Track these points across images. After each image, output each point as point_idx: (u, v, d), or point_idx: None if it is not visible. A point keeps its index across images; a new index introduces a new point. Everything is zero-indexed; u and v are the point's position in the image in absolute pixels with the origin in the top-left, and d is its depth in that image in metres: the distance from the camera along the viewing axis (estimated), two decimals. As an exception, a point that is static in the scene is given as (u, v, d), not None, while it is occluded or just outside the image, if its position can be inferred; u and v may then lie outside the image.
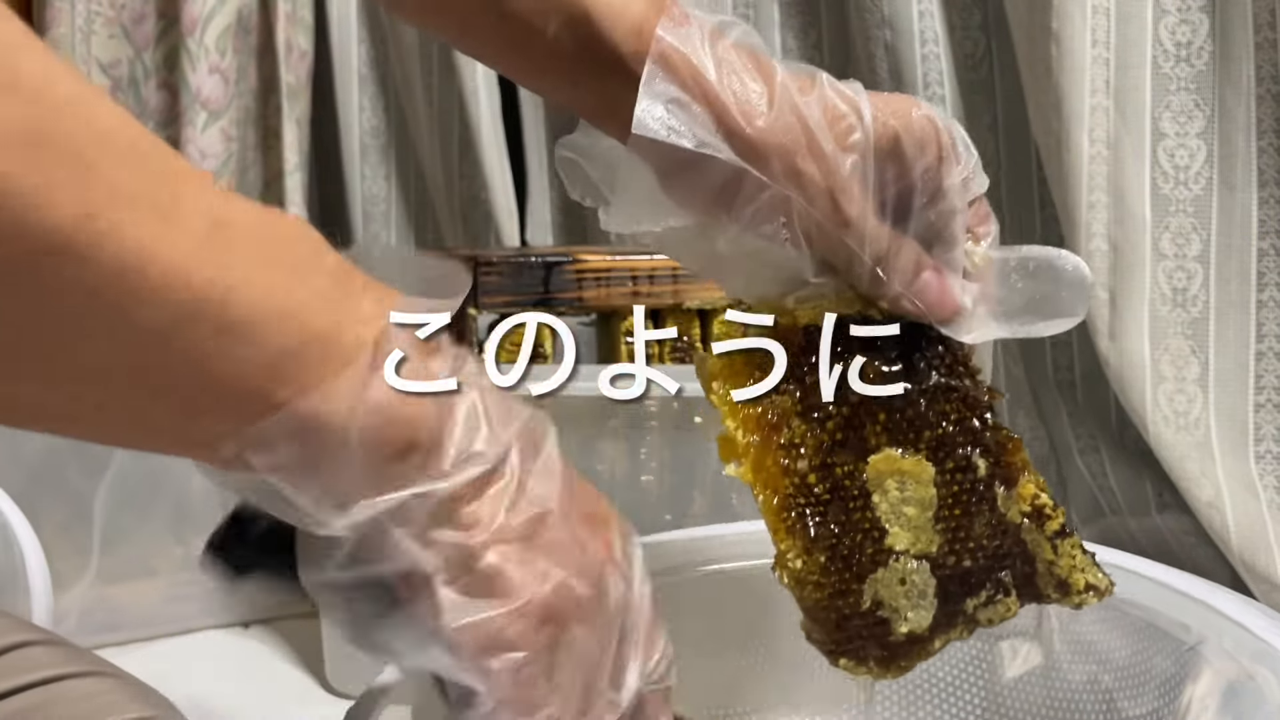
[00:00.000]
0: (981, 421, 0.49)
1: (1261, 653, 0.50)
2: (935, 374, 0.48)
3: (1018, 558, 0.48)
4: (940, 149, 0.48)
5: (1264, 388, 0.97)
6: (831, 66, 1.16)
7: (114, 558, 1.01)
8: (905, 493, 0.46)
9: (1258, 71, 0.93)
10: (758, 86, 0.45)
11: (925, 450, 0.47)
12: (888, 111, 0.48)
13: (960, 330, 0.49)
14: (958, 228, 0.49)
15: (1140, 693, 0.55)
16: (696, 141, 0.43)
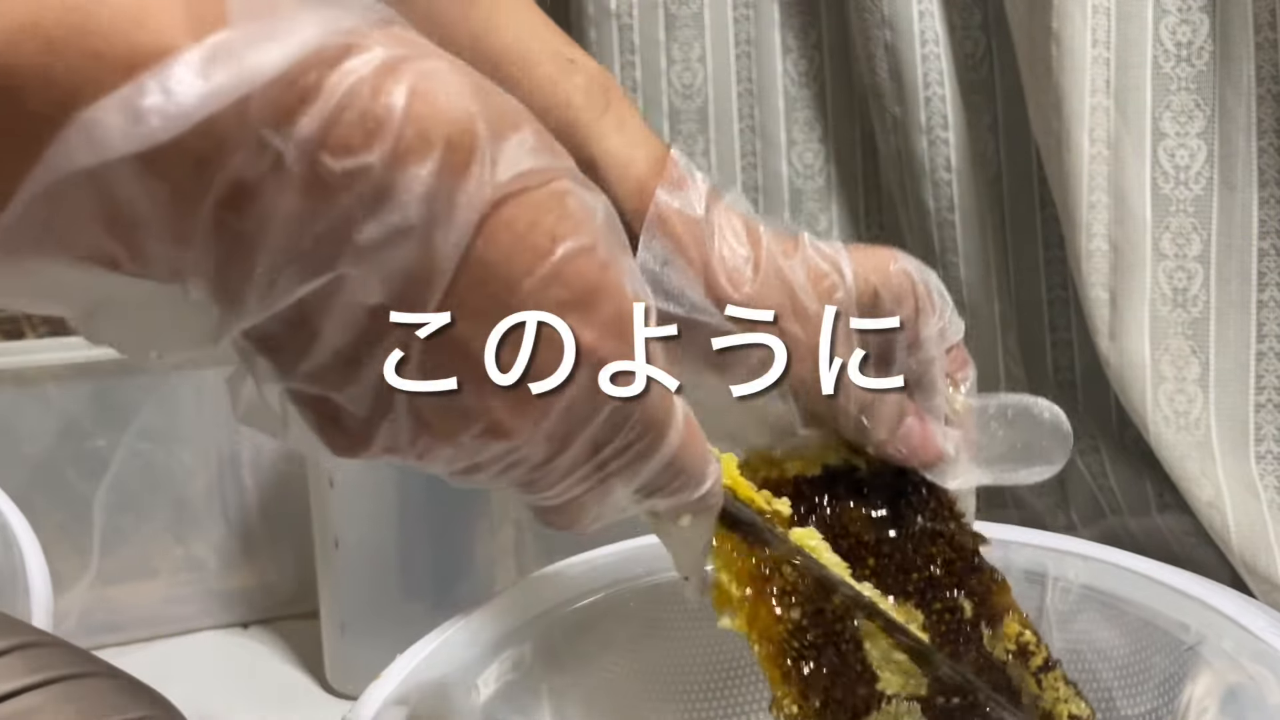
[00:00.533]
0: (967, 564, 0.51)
1: (1262, 653, 0.50)
2: (921, 518, 0.51)
3: (1004, 693, 0.49)
4: (917, 300, 0.51)
5: (1265, 388, 0.97)
6: (831, 66, 1.16)
7: (114, 558, 1.01)
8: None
9: (1258, 71, 0.93)
10: (745, 251, 0.48)
11: (914, 594, 0.49)
12: (867, 267, 0.51)
13: (944, 476, 0.52)
14: (937, 375, 0.53)
15: (1139, 692, 0.55)
16: (689, 306, 0.47)
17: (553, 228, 0.34)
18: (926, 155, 1.08)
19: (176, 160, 0.28)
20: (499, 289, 0.34)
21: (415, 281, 0.32)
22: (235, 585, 1.04)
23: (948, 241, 1.09)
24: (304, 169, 0.30)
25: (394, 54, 0.31)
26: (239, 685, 0.96)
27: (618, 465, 0.39)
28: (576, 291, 0.35)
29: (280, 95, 0.29)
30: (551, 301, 0.34)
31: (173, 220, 0.29)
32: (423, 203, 0.31)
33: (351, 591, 0.90)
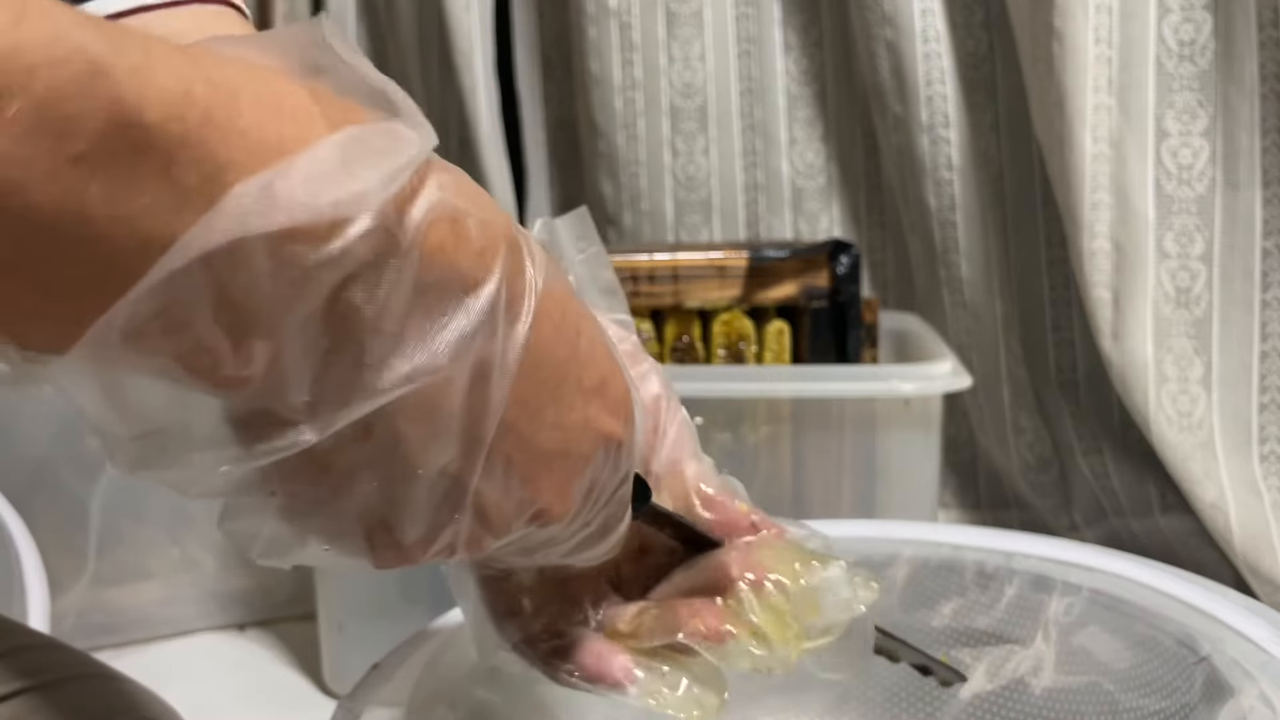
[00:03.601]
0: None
1: (1265, 665, 0.49)
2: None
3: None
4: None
5: (1268, 388, 0.97)
6: (832, 64, 1.16)
7: (110, 560, 1.00)
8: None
9: (1261, 69, 0.93)
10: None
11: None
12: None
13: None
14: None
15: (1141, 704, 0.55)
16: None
17: (575, 321, 0.37)
18: (928, 154, 1.07)
19: (306, 240, 0.28)
20: (547, 376, 0.35)
21: (491, 365, 0.33)
22: (232, 587, 1.04)
23: (949, 240, 1.09)
24: (414, 258, 0.30)
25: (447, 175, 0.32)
26: (236, 686, 0.96)
27: (590, 538, 0.41)
28: (598, 378, 0.38)
29: (400, 193, 0.30)
30: (584, 388, 0.37)
31: (291, 301, 0.29)
32: (497, 296, 0.32)
33: (349, 593, 0.90)
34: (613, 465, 0.39)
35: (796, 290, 0.90)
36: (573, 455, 0.37)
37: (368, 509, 0.34)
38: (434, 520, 0.34)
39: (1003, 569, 0.61)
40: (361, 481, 0.33)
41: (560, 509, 0.37)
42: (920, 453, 0.84)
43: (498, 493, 0.35)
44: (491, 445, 0.34)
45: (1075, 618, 0.58)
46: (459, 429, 0.33)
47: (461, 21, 1.22)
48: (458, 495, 0.34)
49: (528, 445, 0.35)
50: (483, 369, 0.33)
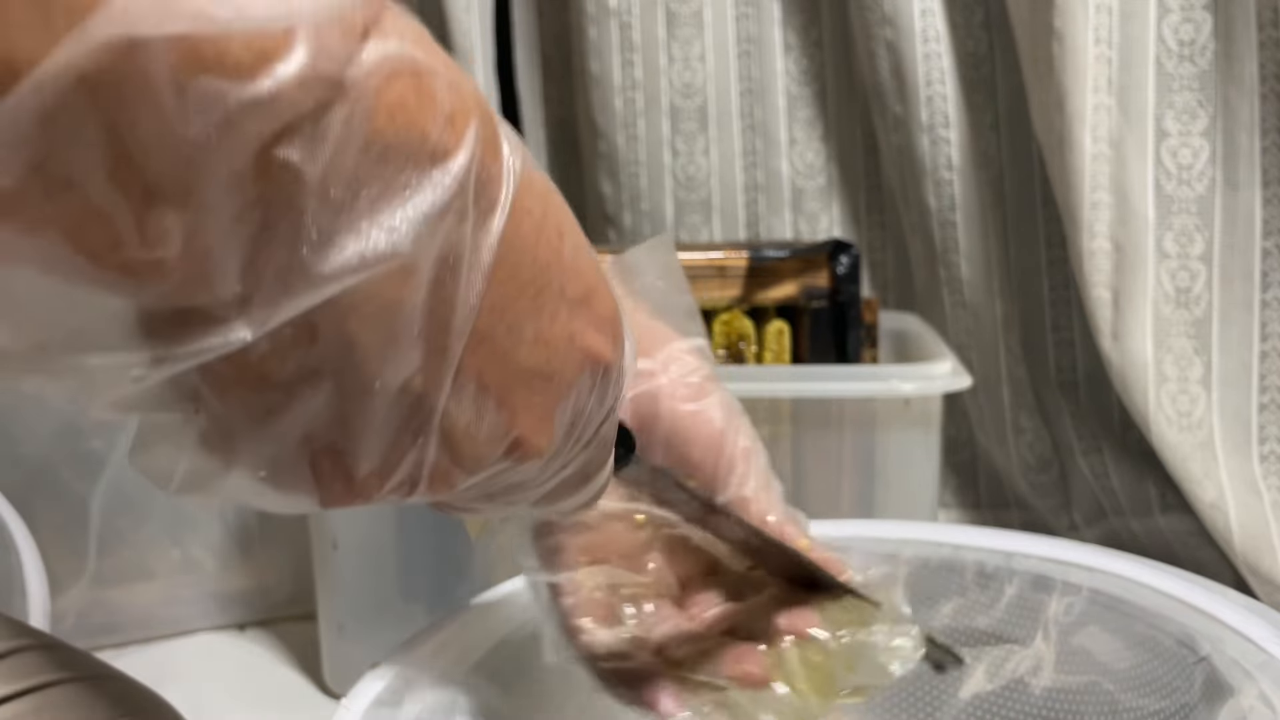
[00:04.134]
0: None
1: (1265, 664, 0.49)
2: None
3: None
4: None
5: (1268, 388, 0.97)
6: (832, 64, 1.16)
7: (111, 560, 1.01)
8: None
9: (1261, 70, 0.93)
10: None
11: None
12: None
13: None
14: None
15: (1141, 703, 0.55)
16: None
17: (558, 219, 0.32)
18: (928, 154, 1.07)
19: (222, 70, 0.22)
20: (527, 281, 0.30)
21: (461, 259, 0.28)
22: (233, 587, 1.04)
23: (949, 241, 1.09)
24: (365, 110, 0.25)
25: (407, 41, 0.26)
26: (236, 686, 0.96)
27: (569, 483, 0.37)
28: (583, 289, 0.33)
29: (345, 24, 0.24)
30: (569, 299, 0.32)
31: (208, 155, 0.23)
32: (468, 174, 0.27)
33: (349, 593, 0.90)
34: (599, 393, 0.34)
35: (796, 290, 0.90)
36: (555, 377, 0.32)
37: (313, 431, 0.28)
38: (393, 447, 0.29)
39: (1003, 569, 0.61)
40: (306, 396, 0.27)
41: (540, 440, 0.32)
42: (920, 453, 0.84)
43: (469, 417, 0.30)
44: (462, 358, 0.29)
45: (1075, 617, 0.58)
46: (423, 335, 0.28)
47: (461, 21, 1.22)
48: (422, 417, 0.29)
49: (505, 361, 0.30)
50: (451, 262, 0.27)
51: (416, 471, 0.30)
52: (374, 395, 0.28)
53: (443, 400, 0.29)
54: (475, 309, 0.28)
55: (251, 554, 1.05)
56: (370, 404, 0.28)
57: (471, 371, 0.29)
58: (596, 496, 0.39)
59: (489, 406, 0.30)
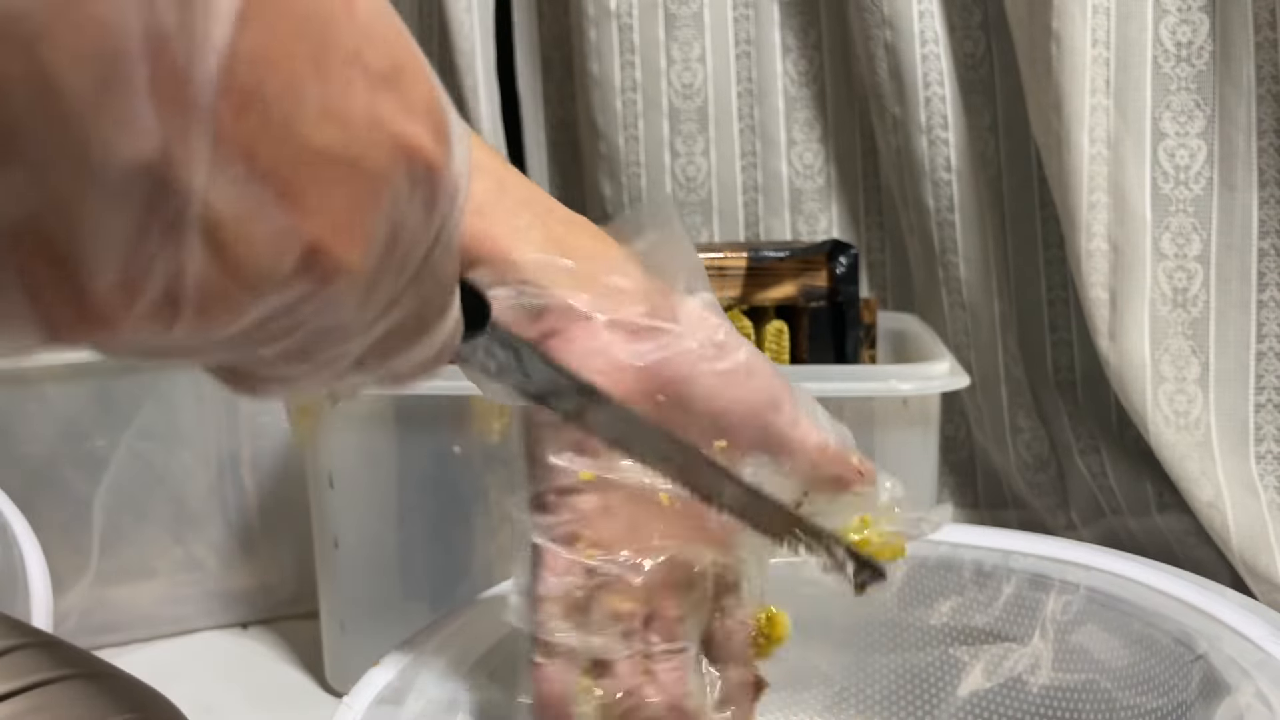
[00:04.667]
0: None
1: (1262, 663, 0.49)
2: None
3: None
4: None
5: (1264, 388, 0.97)
6: (831, 66, 1.16)
7: (113, 559, 1.01)
8: None
9: (1258, 71, 0.93)
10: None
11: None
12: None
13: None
14: None
15: (1138, 701, 0.55)
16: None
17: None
18: (926, 155, 1.08)
19: None
20: (303, 27, 0.24)
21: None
22: (235, 585, 1.04)
23: (948, 241, 1.09)
24: None
25: None
26: (238, 685, 0.96)
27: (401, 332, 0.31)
28: (389, 62, 0.26)
29: None
30: (367, 68, 0.25)
31: None
32: None
33: (351, 591, 0.90)
34: (424, 202, 0.28)
35: (795, 290, 0.90)
36: (358, 166, 0.25)
37: (20, 227, 0.21)
38: (135, 247, 0.22)
39: (1000, 567, 0.61)
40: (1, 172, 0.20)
41: (347, 250, 0.25)
42: (918, 452, 0.85)
43: (242, 209, 0.23)
44: (222, 124, 0.22)
45: (1073, 616, 0.58)
46: (153, 82, 0.21)
47: (462, 22, 1.22)
48: (172, 204, 0.22)
49: (284, 133, 0.23)
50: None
51: (175, 284, 0.23)
52: (97, 168, 0.21)
53: (198, 180, 0.22)
54: (223, 52, 0.22)
55: (253, 553, 1.05)
56: (94, 182, 0.21)
57: (237, 144, 0.23)
58: (441, 356, 0.34)
59: (267, 196, 0.23)
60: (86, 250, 0.22)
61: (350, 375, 0.31)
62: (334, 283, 0.26)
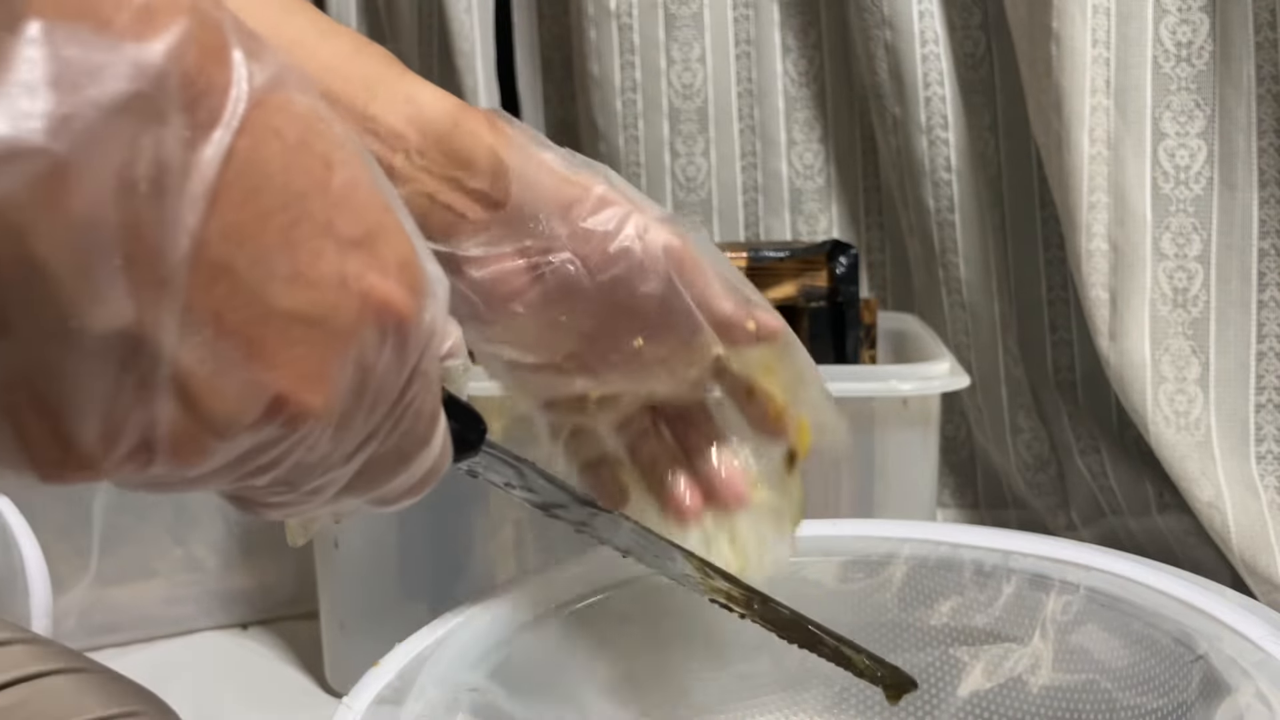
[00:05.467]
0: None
1: (1262, 663, 0.49)
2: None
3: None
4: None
5: (1265, 388, 0.97)
6: (831, 66, 1.16)
7: (113, 559, 1.01)
8: None
9: (1258, 71, 0.93)
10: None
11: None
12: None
13: None
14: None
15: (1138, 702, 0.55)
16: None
17: (326, 151, 0.28)
18: (926, 155, 1.08)
19: None
20: (275, 205, 0.26)
21: (169, 174, 0.24)
22: (235, 585, 1.04)
23: (948, 241, 1.09)
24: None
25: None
26: (238, 685, 0.96)
27: (382, 464, 0.33)
28: (361, 228, 0.29)
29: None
30: (338, 236, 0.28)
31: None
32: (163, 74, 0.24)
33: (351, 592, 0.90)
34: (395, 352, 0.30)
35: (795, 291, 0.90)
36: (324, 324, 0.28)
37: (11, 384, 0.24)
38: (114, 402, 0.25)
39: (1000, 567, 0.61)
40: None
41: (312, 399, 0.28)
42: (918, 452, 0.85)
43: (210, 367, 0.26)
44: (192, 294, 0.25)
45: (1073, 616, 0.58)
46: (129, 262, 0.24)
47: (462, 22, 1.22)
48: (144, 364, 0.25)
49: (252, 300, 0.26)
50: (150, 172, 0.24)
51: (149, 433, 0.26)
52: (77, 336, 0.24)
53: (169, 344, 0.25)
54: (196, 234, 0.25)
55: (253, 553, 1.05)
56: (75, 348, 0.24)
57: (207, 310, 0.25)
58: (427, 483, 0.36)
59: (235, 354, 0.26)
60: (69, 405, 0.25)
61: (339, 501, 0.33)
62: (300, 427, 0.28)
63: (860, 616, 0.64)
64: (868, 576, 0.64)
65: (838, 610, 0.63)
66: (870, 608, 0.63)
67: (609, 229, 0.49)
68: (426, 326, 0.31)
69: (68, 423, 0.25)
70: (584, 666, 0.60)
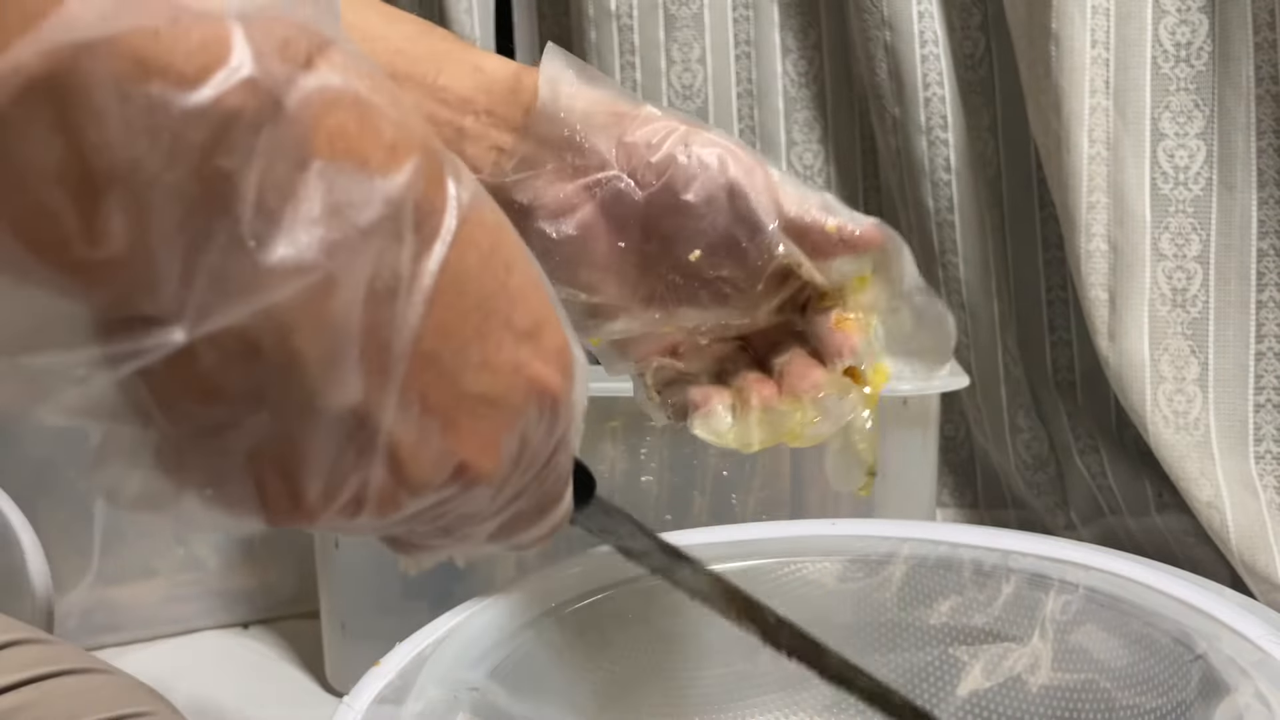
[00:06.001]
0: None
1: (1261, 662, 0.50)
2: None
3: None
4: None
5: (1264, 388, 0.97)
6: (831, 67, 1.17)
7: (114, 559, 1.01)
8: None
9: (1257, 72, 0.93)
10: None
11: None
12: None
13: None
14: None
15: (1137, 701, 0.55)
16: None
17: (508, 257, 0.33)
18: (926, 156, 1.08)
19: (165, 78, 0.24)
20: (472, 308, 0.32)
21: (401, 282, 0.29)
22: (236, 585, 1.04)
23: (947, 242, 1.09)
24: (303, 129, 0.27)
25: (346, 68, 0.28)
26: (240, 685, 0.96)
27: (525, 517, 0.39)
28: (531, 321, 0.34)
29: (288, 49, 0.26)
30: (515, 329, 0.34)
31: (152, 157, 0.24)
32: (403, 200, 0.29)
33: (352, 591, 0.90)
34: (547, 425, 0.36)
35: (795, 291, 0.90)
36: (501, 403, 0.34)
37: (259, 449, 0.29)
38: (339, 467, 0.30)
39: (1000, 567, 0.61)
40: (250, 413, 0.28)
41: (487, 466, 0.34)
42: (918, 452, 0.85)
43: (414, 438, 0.32)
44: (407, 379, 0.30)
45: (1072, 616, 0.58)
46: (365, 354, 0.29)
47: (462, 23, 1.22)
48: (367, 436, 0.30)
49: (450, 385, 0.32)
50: (388, 281, 0.29)
51: (362, 492, 0.31)
52: (318, 413, 0.29)
53: (387, 421, 0.30)
54: (416, 331, 0.30)
55: (254, 552, 1.06)
56: (315, 422, 0.29)
57: (416, 393, 0.31)
58: (555, 530, 0.42)
59: (434, 429, 0.32)
60: (304, 467, 0.30)
61: (483, 546, 0.40)
62: (475, 488, 0.34)
63: (860, 616, 0.64)
64: (867, 576, 0.64)
65: (837, 609, 0.63)
66: (870, 607, 0.64)
67: (653, 141, 0.50)
68: (574, 404, 0.37)
69: (301, 482, 0.30)
70: (584, 666, 0.60)
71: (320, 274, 0.27)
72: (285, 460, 0.30)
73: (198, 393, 0.28)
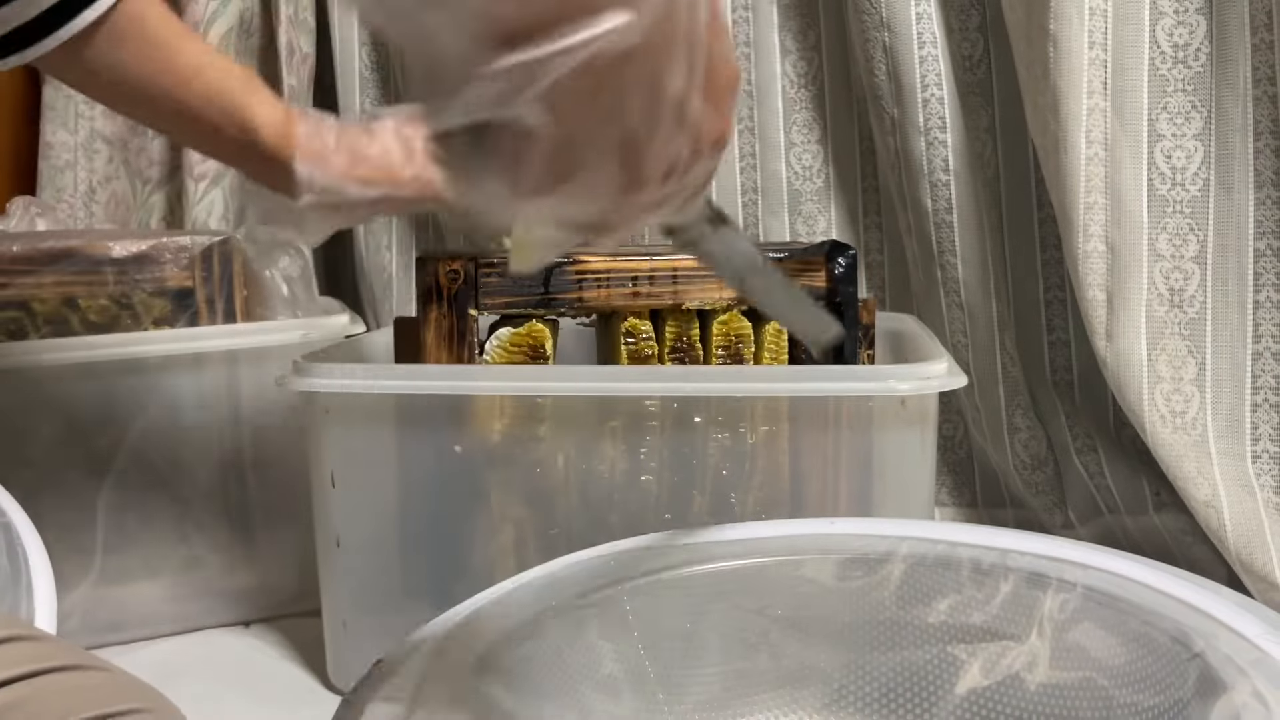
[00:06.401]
0: None
1: (1258, 661, 0.50)
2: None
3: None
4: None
5: (1260, 388, 0.98)
6: (830, 68, 1.17)
7: (117, 558, 1.01)
8: None
9: (1254, 73, 0.94)
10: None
11: None
12: None
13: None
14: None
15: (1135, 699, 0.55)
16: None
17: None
18: (925, 156, 1.08)
19: None
20: (715, 14, 0.39)
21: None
22: (237, 584, 1.05)
23: (945, 242, 1.09)
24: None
25: None
26: (241, 683, 0.96)
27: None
28: (721, 24, 0.41)
29: None
30: (724, 25, 0.42)
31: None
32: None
33: (353, 590, 0.90)
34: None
35: (795, 291, 0.90)
36: (729, 89, 0.42)
37: (626, 134, 0.37)
38: (670, 141, 0.38)
39: (998, 566, 0.61)
40: (628, 101, 0.36)
41: (728, 137, 0.43)
42: (916, 451, 0.85)
43: (701, 115, 0.39)
44: (706, 72, 0.38)
45: (1070, 614, 0.58)
46: (687, 45, 0.36)
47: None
48: (684, 113, 0.38)
49: (714, 76, 0.39)
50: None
51: (677, 162, 0.39)
52: (660, 103, 0.37)
53: (695, 100, 0.38)
54: (705, 33, 0.37)
55: (256, 552, 1.06)
56: (662, 106, 0.37)
57: (701, 80, 0.38)
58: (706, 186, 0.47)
59: (709, 110, 0.39)
60: (652, 145, 0.38)
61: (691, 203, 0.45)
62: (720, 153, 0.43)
63: (858, 614, 0.64)
64: (866, 574, 0.64)
65: (836, 608, 0.63)
66: (868, 605, 0.64)
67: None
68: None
69: (645, 161, 0.38)
70: (584, 665, 0.61)
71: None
72: (640, 143, 0.37)
73: (590, 90, 0.34)
